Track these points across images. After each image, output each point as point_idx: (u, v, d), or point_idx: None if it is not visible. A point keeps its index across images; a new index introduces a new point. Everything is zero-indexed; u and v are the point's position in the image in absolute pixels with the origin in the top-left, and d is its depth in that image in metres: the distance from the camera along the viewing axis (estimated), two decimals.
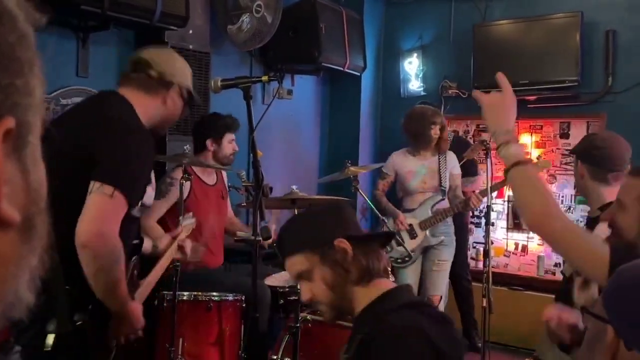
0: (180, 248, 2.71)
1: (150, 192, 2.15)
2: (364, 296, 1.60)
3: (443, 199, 4.44)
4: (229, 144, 3.70)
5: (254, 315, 2.37)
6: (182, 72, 2.31)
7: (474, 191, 4.48)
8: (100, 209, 1.89)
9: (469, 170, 4.89)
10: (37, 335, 1.83)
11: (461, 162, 4.55)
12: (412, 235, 4.43)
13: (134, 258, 2.32)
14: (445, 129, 4.47)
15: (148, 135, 2.10)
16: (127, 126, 2.04)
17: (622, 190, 1.73)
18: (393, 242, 4.25)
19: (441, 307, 4.50)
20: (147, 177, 2.09)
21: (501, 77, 1.80)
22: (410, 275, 4.50)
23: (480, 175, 5.11)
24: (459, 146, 4.70)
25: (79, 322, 1.93)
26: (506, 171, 1.70)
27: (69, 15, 3.58)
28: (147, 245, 2.69)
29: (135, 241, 2.39)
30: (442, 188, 4.41)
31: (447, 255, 4.47)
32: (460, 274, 5.03)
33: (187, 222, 2.90)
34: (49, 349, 1.79)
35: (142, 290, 2.36)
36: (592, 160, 2.30)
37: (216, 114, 3.82)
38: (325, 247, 1.60)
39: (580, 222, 4.48)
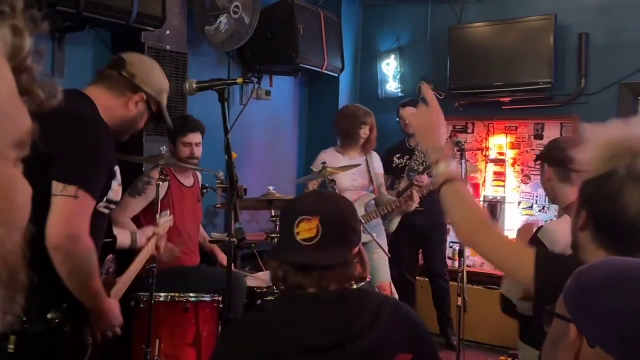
0: (157, 247, 2.71)
1: (116, 187, 2.14)
2: None
3: (374, 198, 4.57)
4: (184, 147, 3.67)
5: (228, 316, 2.38)
6: (155, 83, 2.25)
7: (419, 186, 4.55)
8: (67, 211, 1.89)
9: None
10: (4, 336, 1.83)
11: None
12: None
13: (109, 256, 2.32)
14: (374, 129, 4.57)
15: (105, 127, 2.07)
16: (83, 120, 2.01)
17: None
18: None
19: (394, 292, 4.54)
20: (107, 170, 2.06)
21: (426, 90, 1.86)
22: None
23: None
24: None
25: (55, 321, 1.93)
26: (437, 190, 1.73)
27: (43, 16, 3.56)
28: (125, 240, 2.65)
29: (108, 239, 2.38)
30: (371, 187, 4.53)
31: (381, 243, 4.49)
32: (438, 273, 5.09)
33: (164, 220, 2.90)
34: (11, 350, 1.78)
35: (119, 287, 2.36)
36: (557, 162, 2.35)
37: (181, 117, 3.83)
38: None
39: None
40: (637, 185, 1.40)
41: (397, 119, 5.05)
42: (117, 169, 2.18)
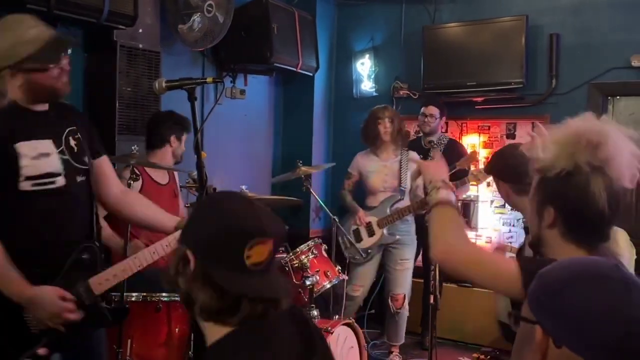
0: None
1: (29, 162, 2.14)
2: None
3: (402, 199, 4.55)
4: (183, 144, 3.74)
5: None
6: (4, 50, 2.16)
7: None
8: None
9: (458, 175, 4.93)
10: None
11: (452, 171, 4.60)
12: (370, 232, 4.55)
13: (84, 247, 2.29)
14: (395, 120, 4.58)
15: None
16: None
17: None
18: (349, 241, 4.34)
19: (406, 305, 4.59)
20: None
21: (434, 154, 2.00)
22: (366, 273, 4.58)
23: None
24: (453, 151, 4.76)
25: None
26: (428, 212, 1.81)
27: (13, 14, 3.52)
28: (169, 223, 2.57)
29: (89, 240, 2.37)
30: (402, 188, 4.51)
31: (408, 254, 4.57)
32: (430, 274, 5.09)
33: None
34: None
35: (103, 278, 2.28)
36: (510, 178, 2.31)
37: (172, 113, 3.80)
38: None
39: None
40: (602, 177, 1.43)
41: (422, 114, 4.98)
42: (28, 144, 2.16)
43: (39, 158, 2.18)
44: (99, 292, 2.26)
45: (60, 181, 2.22)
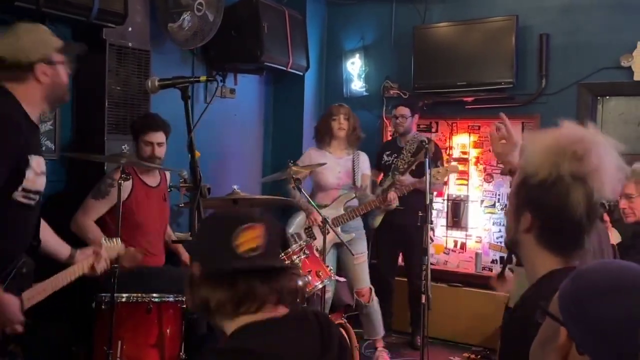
0: (92, 268, 2.66)
1: (32, 177, 2.22)
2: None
3: (355, 197, 4.59)
4: (146, 146, 3.60)
5: (192, 316, 2.36)
6: (33, 46, 2.27)
7: (399, 186, 4.62)
8: None
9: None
10: None
11: (414, 164, 4.69)
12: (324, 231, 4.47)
13: (23, 259, 2.32)
14: (350, 119, 4.62)
15: (8, 120, 2.15)
16: None
17: None
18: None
19: (374, 297, 4.58)
20: (12, 158, 2.15)
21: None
22: None
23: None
24: (436, 154, 4.84)
25: None
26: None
27: (2, 12, 3.48)
28: (60, 249, 2.66)
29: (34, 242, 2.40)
30: (355, 187, 4.55)
31: (361, 248, 4.61)
32: (417, 273, 5.09)
33: (111, 245, 2.81)
34: None
35: (34, 292, 2.37)
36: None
37: (144, 115, 3.78)
38: None
39: None
40: (583, 188, 1.43)
41: (394, 117, 5.01)
42: (37, 159, 2.25)
43: (40, 175, 2.28)
44: (27, 307, 2.30)
45: (37, 199, 2.33)
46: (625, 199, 3.46)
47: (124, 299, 3.08)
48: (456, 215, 5.48)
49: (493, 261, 5.35)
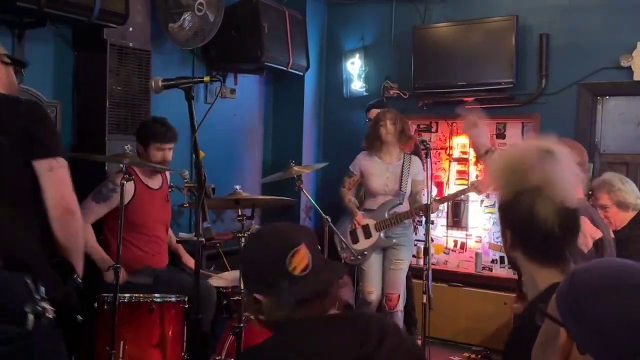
0: None
1: None
2: None
3: (401, 203, 4.53)
4: (157, 152, 3.57)
5: (195, 316, 2.36)
6: None
7: (436, 198, 4.57)
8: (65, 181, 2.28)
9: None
10: None
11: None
12: (367, 235, 4.53)
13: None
14: (396, 122, 4.50)
15: None
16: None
17: None
18: (346, 242, 4.35)
19: (400, 305, 4.58)
20: None
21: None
22: (374, 275, 4.57)
23: None
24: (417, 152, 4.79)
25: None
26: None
27: (4, 12, 3.48)
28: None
29: None
30: (402, 192, 4.50)
31: (403, 255, 4.56)
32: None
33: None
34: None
35: None
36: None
37: (151, 120, 3.71)
38: None
39: None
40: (545, 199, 1.48)
41: (367, 120, 5.04)
42: None
43: None
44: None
45: None
46: (601, 210, 3.50)
47: (126, 299, 3.08)
48: (456, 215, 5.49)
49: (493, 261, 5.35)
